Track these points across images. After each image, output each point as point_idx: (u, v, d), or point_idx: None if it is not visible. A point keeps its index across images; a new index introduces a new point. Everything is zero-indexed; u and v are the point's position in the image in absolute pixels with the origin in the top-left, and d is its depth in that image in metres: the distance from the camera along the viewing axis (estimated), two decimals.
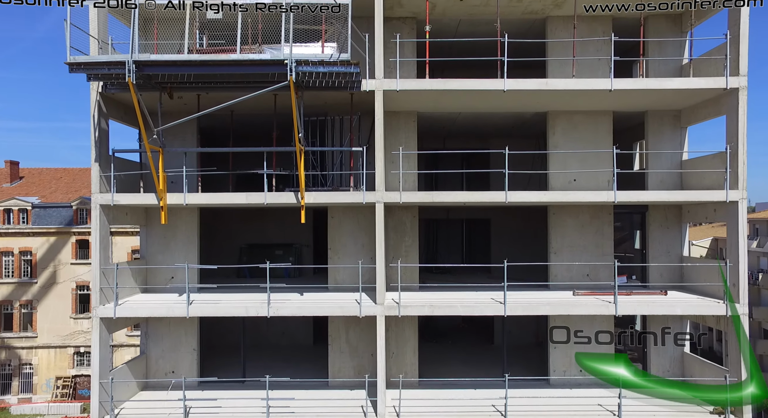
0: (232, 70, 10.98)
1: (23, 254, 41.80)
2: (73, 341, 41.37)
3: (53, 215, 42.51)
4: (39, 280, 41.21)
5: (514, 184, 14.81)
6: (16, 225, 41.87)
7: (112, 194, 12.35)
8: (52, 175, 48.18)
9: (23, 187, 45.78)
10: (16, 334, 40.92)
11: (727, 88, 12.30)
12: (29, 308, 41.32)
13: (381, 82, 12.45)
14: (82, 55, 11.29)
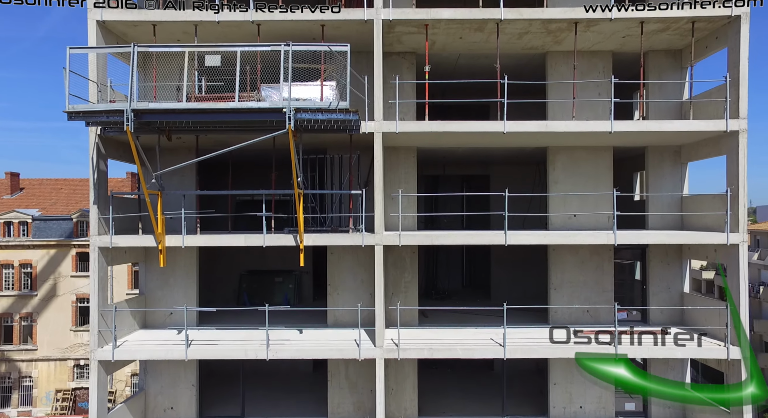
0: (230, 117, 10.94)
1: (23, 266, 41.81)
2: (73, 354, 41.33)
3: (53, 228, 42.53)
4: (39, 292, 41.21)
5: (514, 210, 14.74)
6: (17, 238, 41.88)
7: (110, 237, 12.31)
8: (53, 186, 48.20)
9: (23, 198, 45.81)
10: (16, 347, 40.89)
11: (727, 130, 12.26)
12: (29, 320, 41.31)
13: (380, 124, 12.41)
14: (82, 100, 11.26)
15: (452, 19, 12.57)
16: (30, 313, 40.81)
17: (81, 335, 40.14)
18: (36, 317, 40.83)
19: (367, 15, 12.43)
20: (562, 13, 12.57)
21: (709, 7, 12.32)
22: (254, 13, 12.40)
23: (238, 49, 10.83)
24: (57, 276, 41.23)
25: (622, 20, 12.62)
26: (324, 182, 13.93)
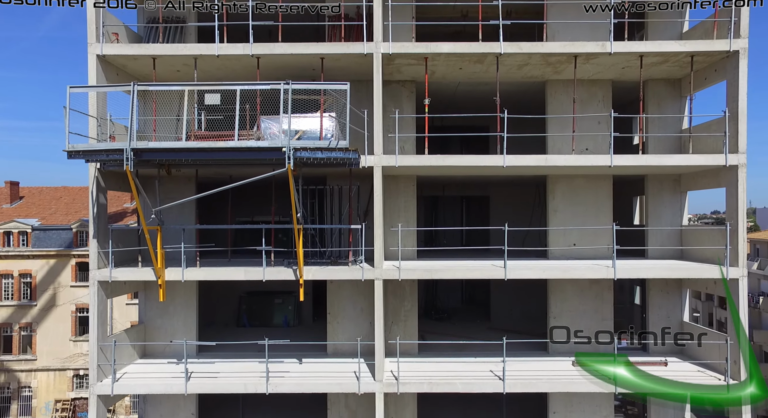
0: (230, 156, 10.94)
1: (23, 276, 41.80)
2: (72, 364, 41.29)
3: (53, 238, 42.54)
4: (38, 302, 41.19)
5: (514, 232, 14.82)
6: (16, 247, 41.88)
7: (110, 270, 12.31)
8: (52, 195, 48.21)
9: (23, 207, 45.80)
10: (15, 357, 40.86)
11: (726, 165, 12.27)
12: (29, 330, 41.29)
13: (380, 158, 12.41)
14: (81, 137, 11.28)
15: (452, 53, 12.58)
16: (29, 323, 40.79)
17: (80, 345, 40.11)
18: (35, 327, 40.81)
19: (367, 49, 12.43)
20: (561, 48, 12.58)
21: (708, 41, 12.33)
22: (254, 46, 12.40)
23: (238, 87, 10.83)
24: (56, 286, 41.22)
25: (622, 54, 12.62)
26: (324, 212, 13.93)
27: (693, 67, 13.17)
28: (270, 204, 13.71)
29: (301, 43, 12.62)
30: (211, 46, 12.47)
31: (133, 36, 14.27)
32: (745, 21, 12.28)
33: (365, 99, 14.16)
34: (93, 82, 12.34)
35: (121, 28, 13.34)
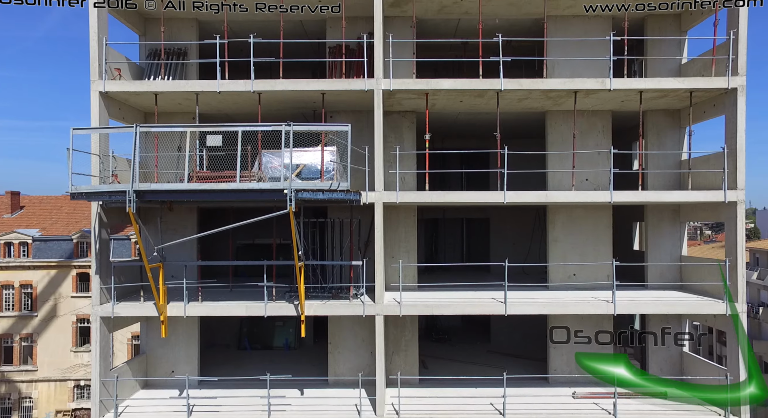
0: (231, 197, 11.00)
1: (24, 287, 41.90)
2: (73, 375, 41.37)
3: (54, 248, 42.63)
4: (39, 313, 41.27)
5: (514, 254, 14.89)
6: (17, 258, 41.98)
7: (112, 306, 12.37)
8: (53, 205, 48.31)
9: (24, 218, 45.89)
10: (16, 367, 40.93)
11: (726, 201, 12.33)
12: (29, 341, 41.35)
13: (381, 194, 12.48)
14: (84, 176, 11.34)
15: (452, 89, 12.65)
16: (30, 334, 40.85)
17: (81, 356, 40.19)
18: (36, 338, 40.87)
19: (368, 85, 12.50)
20: (561, 84, 12.65)
21: (707, 78, 12.41)
22: (255, 82, 12.47)
23: (240, 129, 10.89)
24: (57, 297, 41.30)
25: (621, 90, 12.69)
26: (325, 244, 13.99)
27: (692, 102, 13.25)
28: (271, 226, 13.65)
29: (302, 79, 12.71)
30: (213, 82, 12.54)
31: (135, 69, 14.35)
32: (743, 59, 12.35)
33: (366, 129, 14.25)
34: (96, 118, 12.42)
35: (123, 63, 13.42)
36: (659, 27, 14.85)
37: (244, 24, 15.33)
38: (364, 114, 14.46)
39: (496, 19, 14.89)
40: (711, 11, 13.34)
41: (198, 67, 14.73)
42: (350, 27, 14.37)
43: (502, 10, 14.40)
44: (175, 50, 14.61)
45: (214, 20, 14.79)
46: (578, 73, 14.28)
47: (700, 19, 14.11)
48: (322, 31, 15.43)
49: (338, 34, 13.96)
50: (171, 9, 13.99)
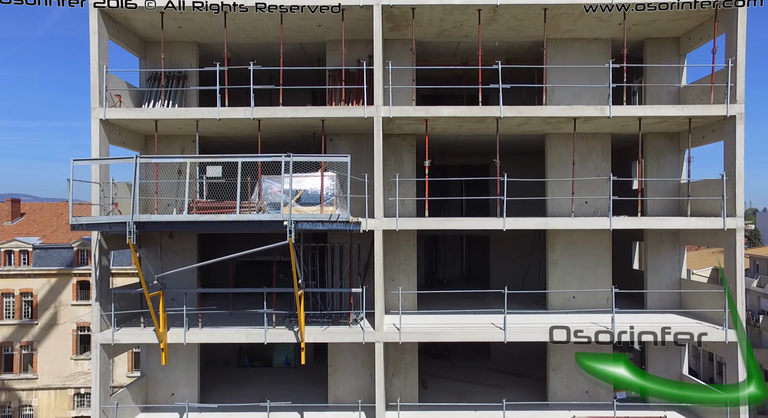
0: (231, 227, 11.03)
1: (24, 295, 41.94)
2: (73, 383, 41.40)
3: (54, 256, 42.67)
4: (40, 321, 41.31)
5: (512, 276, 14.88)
6: (17, 266, 42.04)
7: (112, 333, 12.40)
8: (53, 212, 48.37)
9: (24, 225, 45.93)
10: (17, 375, 40.97)
11: (725, 229, 12.35)
12: (30, 349, 41.40)
13: (381, 222, 12.50)
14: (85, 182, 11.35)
15: (452, 116, 12.67)
16: (30, 342, 40.88)
17: (81, 364, 40.20)
18: (36, 346, 40.90)
19: (367, 113, 12.53)
20: (560, 111, 12.68)
21: (705, 106, 12.44)
22: (255, 110, 12.50)
23: (239, 159, 10.92)
24: (58, 305, 41.33)
25: (620, 117, 12.72)
26: (325, 268, 14.00)
27: (691, 128, 13.28)
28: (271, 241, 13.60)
29: (301, 106, 12.74)
30: (212, 110, 12.57)
31: (136, 92, 14.38)
32: (741, 87, 12.38)
33: (366, 152, 14.28)
34: (96, 145, 12.45)
35: (124, 90, 13.46)
36: (658, 51, 14.88)
37: (244, 46, 15.39)
38: (363, 137, 14.49)
39: (496, 41, 14.93)
40: (710, 36, 13.38)
41: (198, 91, 14.75)
42: (350, 49, 14.42)
43: (502, 34, 14.43)
44: (176, 74, 14.64)
45: (214, 43, 14.84)
46: (578, 97, 14.34)
47: (699, 44, 14.14)
48: (322, 52, 15.47)
49: (338, 56, 14.00)
50: (171, 32, 14.07)
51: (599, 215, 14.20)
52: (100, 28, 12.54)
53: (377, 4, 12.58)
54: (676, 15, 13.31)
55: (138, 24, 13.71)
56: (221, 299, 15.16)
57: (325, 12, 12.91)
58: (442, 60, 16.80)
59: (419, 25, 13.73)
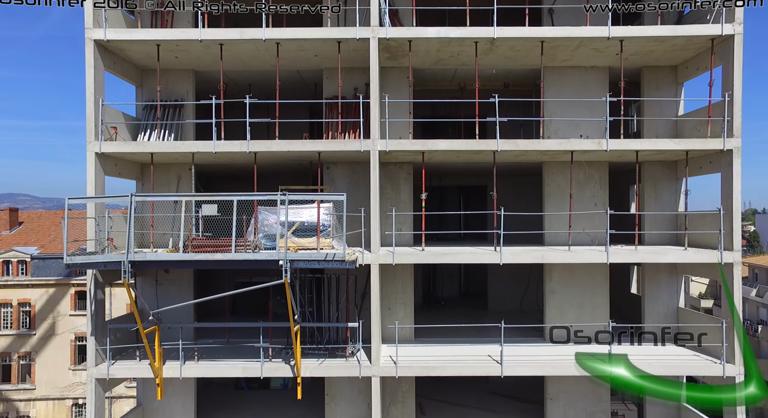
0: (227, 266, 10.98)
1: (22, 305, 41.87)
2: (71, 393, 41.31)
3: (52, 266, 42.57)
4: (38, 331, 41.22)
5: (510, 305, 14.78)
6: (15, 277, 41.97)
7: (107, 367, 12.35)
8: (51, 220, 48.31)
9: (22, 234, 45.87)
10: (14, 386, 40.88)
11: (722, 263, 12.32)
12: (28, 359, 41.32)
13: (377, 256, 12.46)
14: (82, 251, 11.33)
15: (449, 150, 12.64)
16: (28, 352, 40.78)
17: (80, 374, 40.09)
18: (34, 356, 40.80)
19: (364, 146, 12.49)
20: (557, 145, 12.65)
21: (702, 140, 12.42)
22: (251, 143, 12.46)
23: (235, 198, 10.88)
24: (56, 315, 41.24)
25: (618, 150, 12.70)
26: (321, 300, 13.95)
27: (688, 160, 13.26)
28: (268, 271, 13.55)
29: (297, 140, 12.70)
30: (208, 143, 12.54)
31: (132, 122, 14.35)
32: (738, 121, 12.35)
33: (362, 180, 14.26)
34: (92, 178, 12.40)
35: (121, 123, 13.42)
36: (656, 79, 14.86)
37: (241, 73, 15.36)
38: (360, 165, 14.47)
39: (493, 69, 14.91)
40: (707, 67, 13.35)
41: (194, 114, 14.70)
42: (347, 76, 14.40)
43: (499, 63, 14.41)
44: (173, 99, 14.61)
45: (210, 70, 14.80)
46: (575, 125, 14.32)
47: (696, 74, 14.12)
48: (319, 77, 15.43)
49: (335, 83, 13.97)
50: (167, 61, 14.03)
51: (597, 243, 14.19)
52: (96, 61, 12.50)
53: (374, 37, 12.55)
54: (673, 46, 13.29)
55: (134, 54, 13.68)
56: (219, 316, 15.03)
57: (321, 44, 12.89)
58: (439, 85, 16.78)
59: (416, 55, 13.70)
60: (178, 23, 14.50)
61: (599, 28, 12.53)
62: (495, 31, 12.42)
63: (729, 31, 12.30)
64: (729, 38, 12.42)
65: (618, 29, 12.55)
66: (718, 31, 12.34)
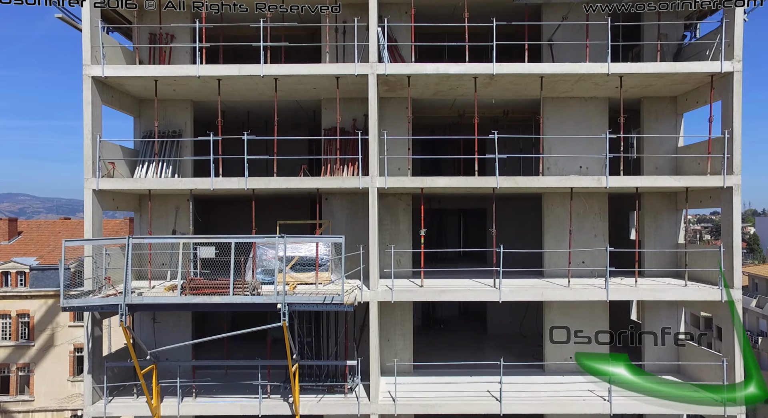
0: (224, 309, 10.94)
1: (21, 316, 41.81)
2: (70, 405, 41.21)
3: (51, 278, 42.49)
4: (36, 343, 41.13)
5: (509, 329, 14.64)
6: (14, 288, 41.90)
7: (104, 405, 12.29)
8: (50, 230, 48.32)
9: (21, 244, 45.83)
10: (13, 398, 40.80)
11: (723, 301, 12.28)
12: (26, 371, 41.25)
13: (376, 293, 12.41)
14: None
15: (448, 186, 12.60)
16: (27, 363, 40.72)
17: (78, 386, 40.02)
18: (33, 368, 40.74)
19: (362, 184, 12.44)
20: (557, 182, 12.62)
21: (702, 177, 12.39)
22: (249, 180, 12.40)
23: (233, 240, 10.82)
24: (54, 326, 41.16)
25: (618, 188, 12.66)
26: (320, 333, 13.90)
27: (688, 194, 13.21)
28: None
29: (295, 177, 12.67)
30: (206, 180, 12.49)
31: (129, 153, 14.30)
32: (738, 158, 12.31)
33: (361, 212, 14.20)
34: (89, 215, 12.38)
35: (119, 156, 13.38)
36: (655, 110, 14.82)
37: (240, 103, 15.31)
38: (359, 196, 14.40)
39: (492, 99, 14.87)
40: (706, 101, 13.31)
41: (193, 149, 14.67)
42: (346, 107, 14.38)
43: (499, 94, 14.37)
44: (171, 132, 14.56)
45: (208, 101, 14.75)
46: (576, 153, 14.24)
47: (696, 106, 14.07)
48: (318, 106, 15.39)
49: (334, 115, 13.95)
50: (165, 93, 13.99)
51: (596, 275, 14.17)
52: (94, 98, 12.45)
53: (372, 74, 12.50)
54: (672, 81, 13.26)
55: (132, 88, 13.63)
56: (216, 353, 14.96)
57: (320, 79, 12.86)
58: (438, 113, 16.76)
59: (415, 87, 13.66)
60: (176, 53, 14.47)
61: (598, 65, 12.48)
62: (494, 68, 12.37)
63: (728, 69, 12.26)
64: (728, 75, 12.37)
65: (617, 66, 12.50)
66: (717, 68, 12.30)
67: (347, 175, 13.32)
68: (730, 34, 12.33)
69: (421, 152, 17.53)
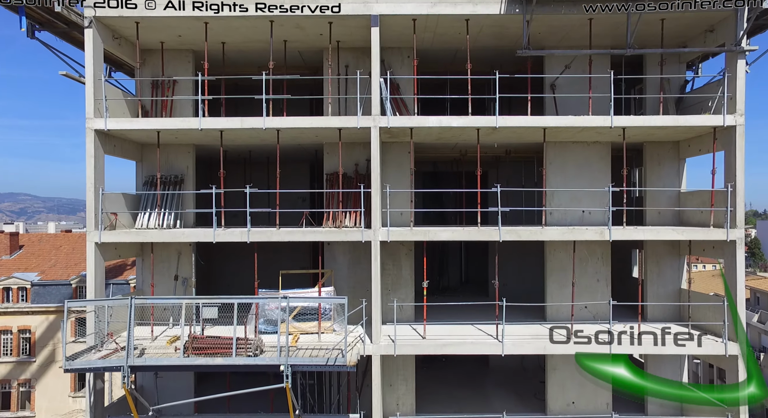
0: (228, 369, 10.93)
1: (22, 332, 41.82)
2: None
3: (53, 293, 42.56)
4: (38, 358, 41.16)
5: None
6: (15, 303, 41.95)
7: None
8: (52, 244, 48.40)
9: (23, 259, 45.88)
10: (14, 413, 40.81)
11: (726, 355, 12.26)
12: (27, 386, 41.28)
13: (378, 347, 12.41)
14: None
15: (450, 239, 12.60)
16: (28, 379, 40.74)
17: (79, 401, 40.06)
18: (34, 383, 40.76)
19: (365, 237, 12.45)
20: (559, 235, 12.60)
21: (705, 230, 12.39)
22: (251, 232, 12.39)
23: (236, 301, 10.82)
24: (56, 342, 41.17)
25: (621, 239, 12.65)
26: (322, 382, 13.90)
27: (691, 248, 13.20)
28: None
29: (298, 229, 12.65)
30: (209, 232, 12.49)
31: (131, 199, 14.31)
32: (741, 212, 12.31)
33: (363, 258, 14.18)
34: (92, 267, 12.39)
35: (123, 209, 13.39)
36: (658, 154, 14.80)
37: (241, 148, 15.32)
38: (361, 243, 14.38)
39: (495, 144, 14.87)
40: (709, 149, 13.28)
41: (195, 195, 14.66)
42: (348, 152, 14.40)
43: (502, 140, 14.37)
44: (172, 178, 14.57)
45: (210, 145, 14.76)
46: (577, 199, 14.21)
47: (698, 153, 14.06)
48: (320, 148, 15.39)
49: (336, 159, 13.95)
50: (167, 138, 13.99)
51: (599, 319, 14.14)
52: (97, 151, 12.46)
53: (375, 127, 12.51)
54: (675, 131, 13.25)
55: (134, 136, 13.65)
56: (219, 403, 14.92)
57: (322, 130, 12.87)
58: (440, 153, 16.77)
59: (418, 135, 13.66)
60: (179, 100, 14.48)
61: (601, 118, 12.48)
62: (497, 121, 12.37)
63: (731, 122, 12.25)
64: (731, 128, 12.36)
65: (620, 119, 12.50)
66: (720, 121, 12.29)
67: (350, 222, 13.33)
68: (732, 87, 12.32)
69: (422, 186, 17.51)
